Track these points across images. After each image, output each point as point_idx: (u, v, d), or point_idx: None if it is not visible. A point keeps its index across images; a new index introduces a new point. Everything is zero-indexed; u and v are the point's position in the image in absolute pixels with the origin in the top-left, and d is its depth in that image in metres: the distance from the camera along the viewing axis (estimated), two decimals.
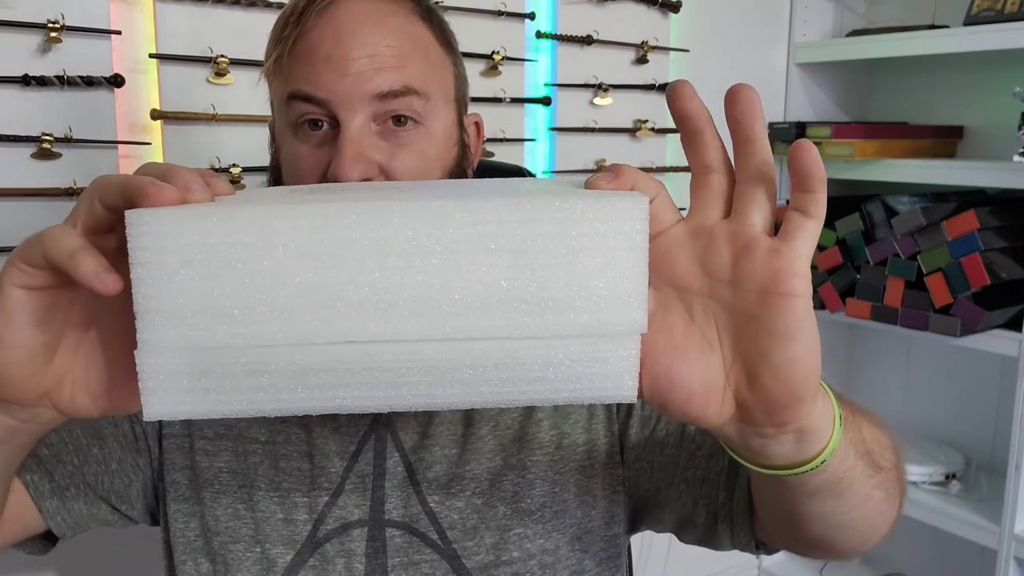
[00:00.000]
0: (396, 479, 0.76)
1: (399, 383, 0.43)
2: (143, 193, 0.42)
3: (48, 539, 0.76)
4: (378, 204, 0.42)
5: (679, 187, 1.78)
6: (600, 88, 1.60)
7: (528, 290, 0.42)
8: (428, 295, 0.42)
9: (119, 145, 1.14)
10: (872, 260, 1.66)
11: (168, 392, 0.43)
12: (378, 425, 0.77)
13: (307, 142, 0.71)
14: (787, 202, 0.44)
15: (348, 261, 0.42)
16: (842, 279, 1.72)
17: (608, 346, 0.43)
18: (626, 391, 0.44)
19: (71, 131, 1.10)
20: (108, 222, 0.45)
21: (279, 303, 0.42)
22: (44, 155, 1.08)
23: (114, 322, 0.48)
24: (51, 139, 1.08)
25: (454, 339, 0.43)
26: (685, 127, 0.45)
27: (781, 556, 2.10)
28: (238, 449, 0.77)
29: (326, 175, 0.69)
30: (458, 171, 0.76)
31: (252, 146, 1.24)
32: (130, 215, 0.41)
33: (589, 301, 0.42)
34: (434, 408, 0.44)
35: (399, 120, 0.70)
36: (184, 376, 0.43)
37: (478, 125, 0.82)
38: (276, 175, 0.77)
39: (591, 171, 1.61)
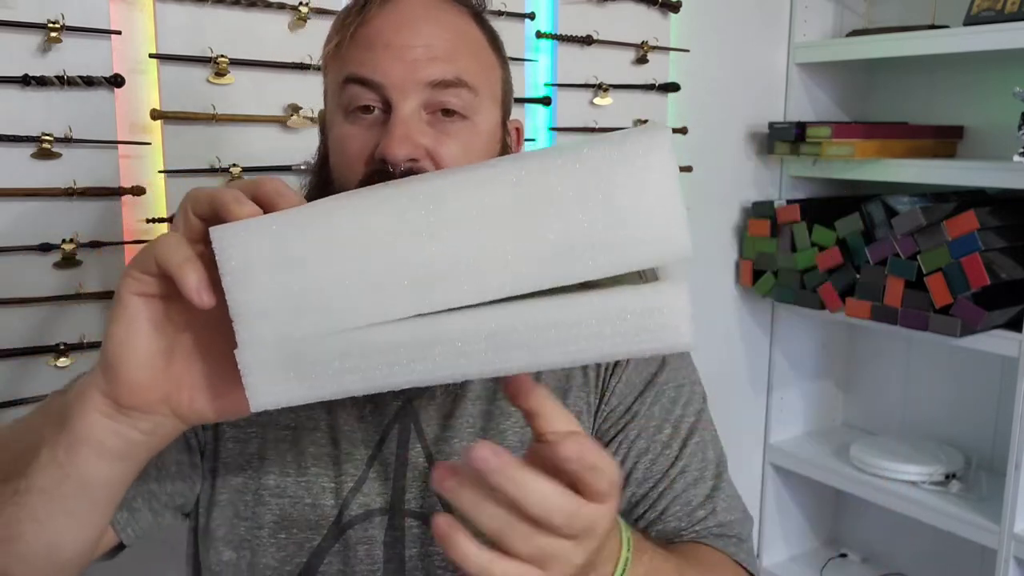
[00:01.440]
0: (417, 469, 0.77)
1: (467, 351, 0.46)
2: (227, 209, 0.48)
3: (117, 547, 0.77)
4: (421, 184, 0.46)
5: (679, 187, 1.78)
6: (600, 88, 1.60)
7: (575, 237, 0.45)
8: (481, 260, 0.46)
9: (119, 145, 1.14)
10: (872, 260, 1.66)
11: (269, 384, 0.48)
12: (402, 415, 0.78)
13: (357, 124, 0.73)
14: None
15: (405, 240, 0.46)
16: (842, 279, 1.72)
17: (660, 295, 0.46)
18: (683, 338, 0.46)
19: (71, 131, 1.09)
20: (202, 231, 0.50)
21: (350, 289, 0.47)
22: (44, 155, 1.08)
23: (221, 325, 0.51)
24: (51, 139, 1.08)
25: (512, 303, 0.46)
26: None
27: (782, 556, 2.10)
28: (266, 436, 0.79)
29: (373, 156, 0.72)
30: None
31: (252, 146, 1.24)
32: (213, 232, 0.47)
33: (633, 237, 0.45)
34: (503, 373, 0.47)
35: (448, 112, 0.73)
36: (280, 367, 0.48)
37: (519, 131, 0.85)
38: (323, 162, 0.79)
39: None
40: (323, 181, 0.78)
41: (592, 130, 1.60)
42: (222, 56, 1.18)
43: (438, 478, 0.48)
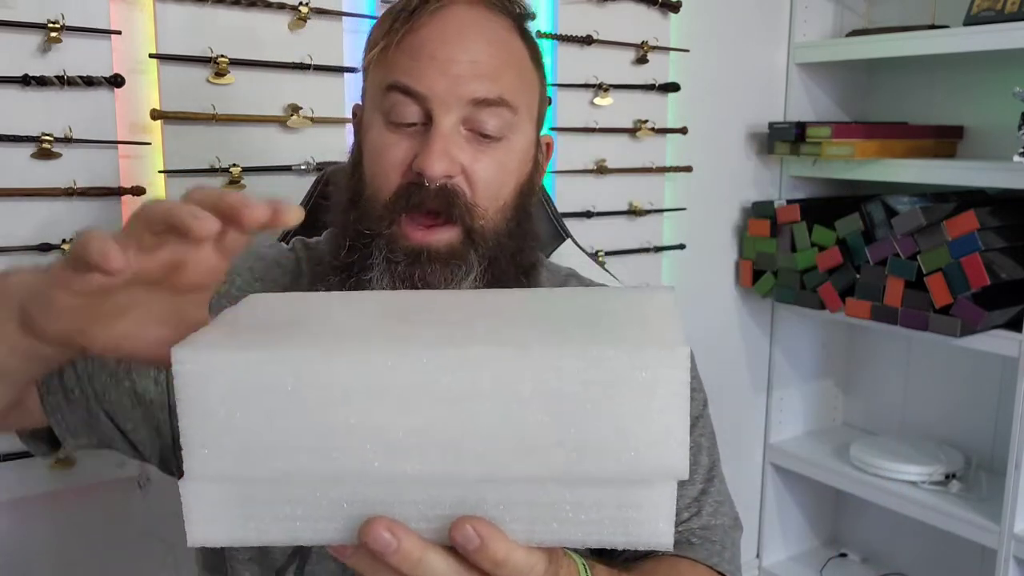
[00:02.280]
0: None
1: (429, 516, 0.45)
2: (185, 225, 0.43)
3: (53, 443, 0.76)
4: (414, 352, 0.42)
5: (679, 187, 1.78)
6: (600, 88, 1.60)
7: (566, 435, 0.42)
8: (462, 438, 0.43)
9: (119, 145, 1.14)
10: (872, 260, 1.66)
11: (210, 521, 0.45)
12: None
13: (397, 133, 0.74)
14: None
15: (384, 404, 0.43)
16: (842, 279, 1.72)
17: (641, 492, 0.43)
18: (661, 537, 0.44)
19: (71, 131, 1.09)
20: (154, 247, 0.45)
21: (318, 441, 0.43)
22: (44, 155, 1.08)
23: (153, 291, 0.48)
24: (51, 139, 1.08)
25: (487, 481, 0.44)
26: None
27: (781, 556, 2.10)
28: None
29: (410, 167, 0.72)
30: (528, 187, 0.79)
31: (252, 146, 1.24)
32: (175, 352, 0.43)
33: (628, 448, 0.42)
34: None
35: (485, 135, 0.73)
36: (225, 506, 0.45)
37: (549, 146, 0.85)
38: (356, 163, 0.78)
39: (591, 171, 1.61)
40: (356, 183, 0.77)
41: (592, 130, 1.60)
42: (222, 56, 1.18)
43: (338, 553, 0.46)
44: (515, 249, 0.77)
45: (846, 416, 2.16)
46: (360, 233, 0.74)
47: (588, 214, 1.62)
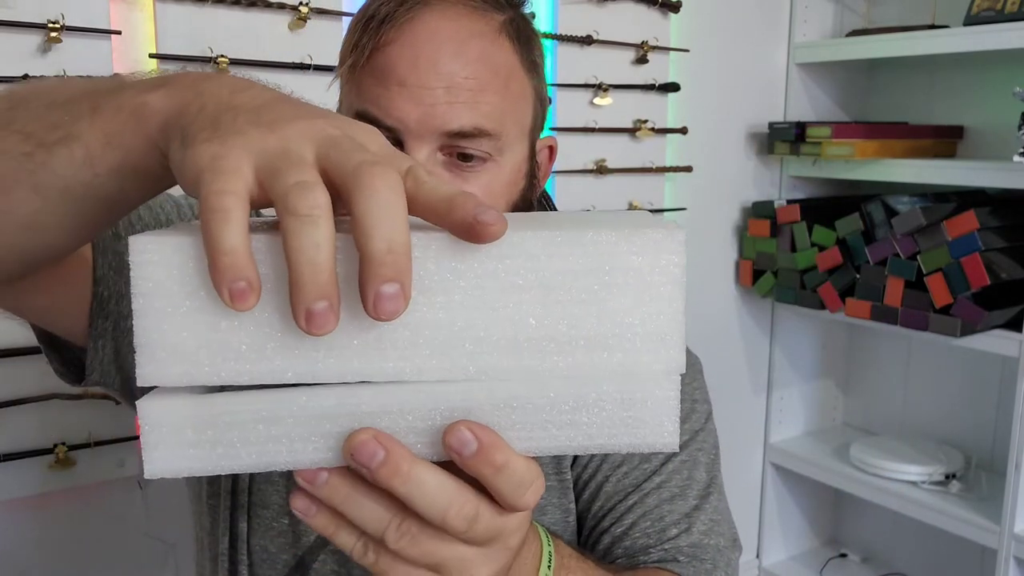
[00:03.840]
0: None
1: (418, 428, 0.41)
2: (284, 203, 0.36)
3: (81, 371, 0.72)
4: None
5: (679, 187, 1.78)
6: (600, 88, 1.60)
7: (558, 328, 0.40)
8: (451, 333, 0.39)
9: None
10: (872, 260, 1.66)
11: (172, 446, 0.40)
12: None
13: None
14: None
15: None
16: (842, 279, 1.72)
17: (645, 387, 0.41)
18: (666, 437, 0.41)
19: None
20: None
21: (290, 339, 0.39)
22: None
23: None
24: None
25: (477, 380, 0.40)
26: None
27: (781, 556, 2.10)
28: None
29: None
30: (522, 204, 0.74)
31: None
32: (133, 241, 0.38)
33: (623, 339, 0.40)
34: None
35: (466, 157, 0.67)
36: (189, 427, 0.40)
37: (551, 149, 0.80)
38: None
39: (590, 171, 1.61)
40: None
41: (592, 130, 1.60)
42: (222, 56, 1.18)
43: (294, 495, 0.42)
44: None
45: (846, 416, 2.16)
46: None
47: None
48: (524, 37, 0.72)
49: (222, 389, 0.42)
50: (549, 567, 0.50)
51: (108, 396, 1.16)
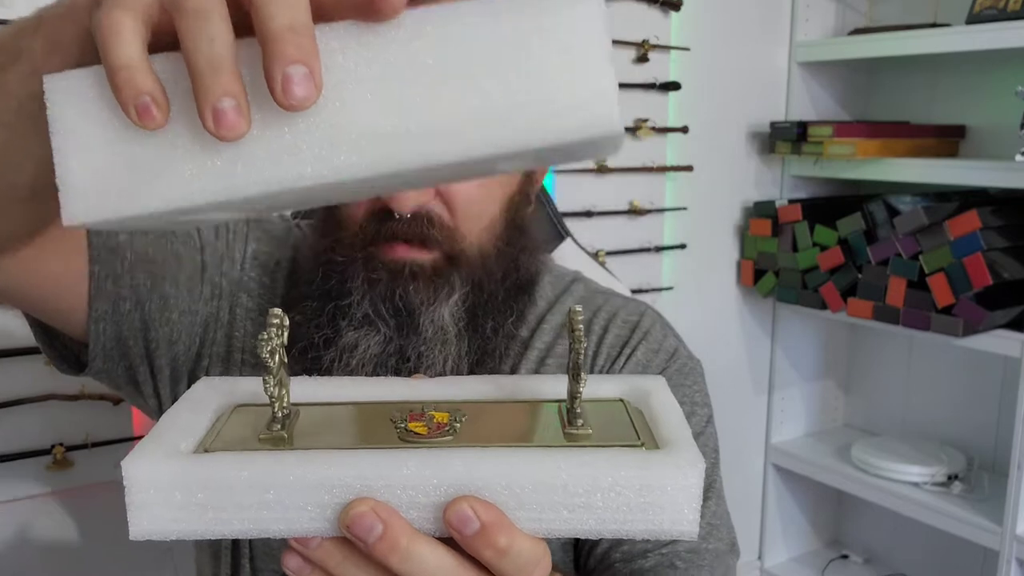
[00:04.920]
0: None
1: (422, 503, 0.39)
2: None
3: (79, 363, 0.73)
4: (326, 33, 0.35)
5: (680, 186, 1.77)
6: None
7: (491, 102, 0.35)
8: (375, 125, 0.35)
9: None
10: (874, 260, 1.65)
11: (159, 508, 0.39)
12: None
13: None
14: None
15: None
16: (844, 279, 1.72)
17: (666, 474, 0.39)
18: (685, 525, 0.40)
19: None
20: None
21: (206, 156, 0.35)
22: None
23: None
24: None
25: (486, 454, 0.39)
26: None
27: (783, 557, 2.10)
28: None
29: (378, 197, 0.66)
30: (520, 199, 0.73)
31: None
32: (46, 80, 0.36)
33: (550, 102, 0.35)
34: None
35: None
36: (177, 490, 0.39)
37: None
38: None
39: (591, 171, 1.61)
40: (326, 206, 0.71)
41: None
42: None
43: (286, 554, 0.40)
44: (506, 270, 0.71)
45: (848, 416, 2.15)
46: (333, 261, 0.68)
47: (588, 214, 1.62)
48: None
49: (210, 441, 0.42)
50: None
51: (106, 397, 1.16)
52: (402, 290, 0.66)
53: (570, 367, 0.44)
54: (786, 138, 1.80)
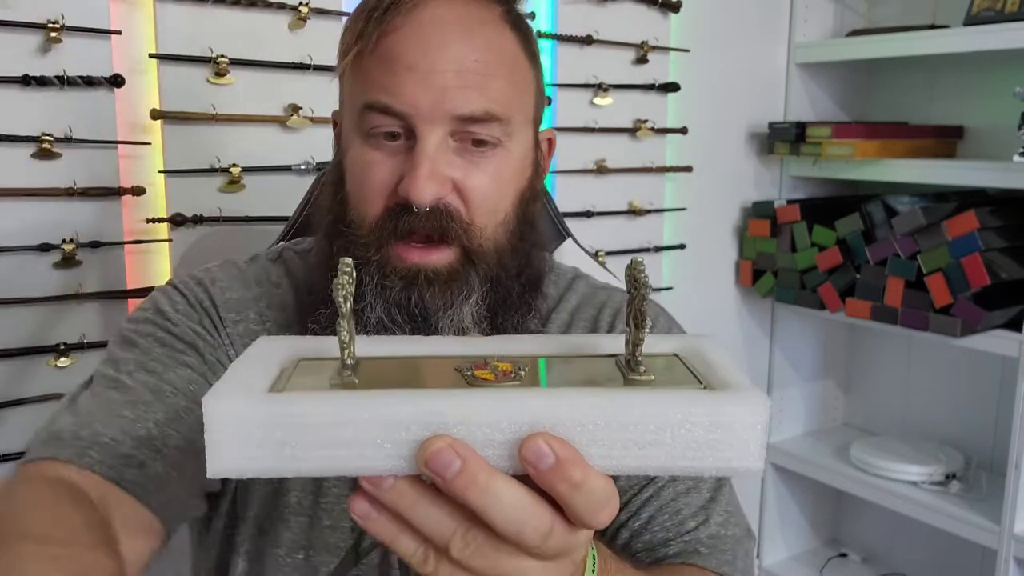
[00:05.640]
0: None
1: (497, 440, 0.40)
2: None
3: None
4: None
5: (679, 187, 1.78)
6: (600, 88, 1.60)
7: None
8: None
9: (119, 145, 1.14)
10: (872, 260, 1.66)
11: (238, 445, 0.39)
12: None
13: (380, 150, 0.67)
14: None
15: None
16: (842, 279, 1.72)
17: (734, 410, 0.40)
18: (752, 461, 0.41)
19: (71, 131, 1.09)
20: None
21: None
22: (44, 155, 1.08)
23: None
24: (51, 139, 1.08)
25: (559, 395, 0.40)
26: None
27: (782, 555, 2.10)
28: None
29: (396, 190, 0.66)
30: (529, 194, 0.73)
31: (252, 146, 1.24)
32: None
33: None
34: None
35: (477, 142, 0.67)
36: (256, 427, 0.39)
37: (551, 142, 0.79)
38: (339, 178, 0.72)
39: (591, 171, 1.61)
40: (339, 206, 0.71)
41: (592, 130, 1.60)
42: (222, 56, 1.18)
43: (354, 499, 0.41)
44: (520, 266, 0.72)
45: (846, 416, 2.16)
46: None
47: (588, 214, 1.62)
48: (524, 28, 0.72)
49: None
50: (593, 571, 0.49)
51: None
52: (417, 296, 0.66)
53: (631, 316, 0.45)
54: (785, 139, 1.80)
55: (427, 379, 0.47)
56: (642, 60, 1.65)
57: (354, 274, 0.44)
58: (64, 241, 1.10)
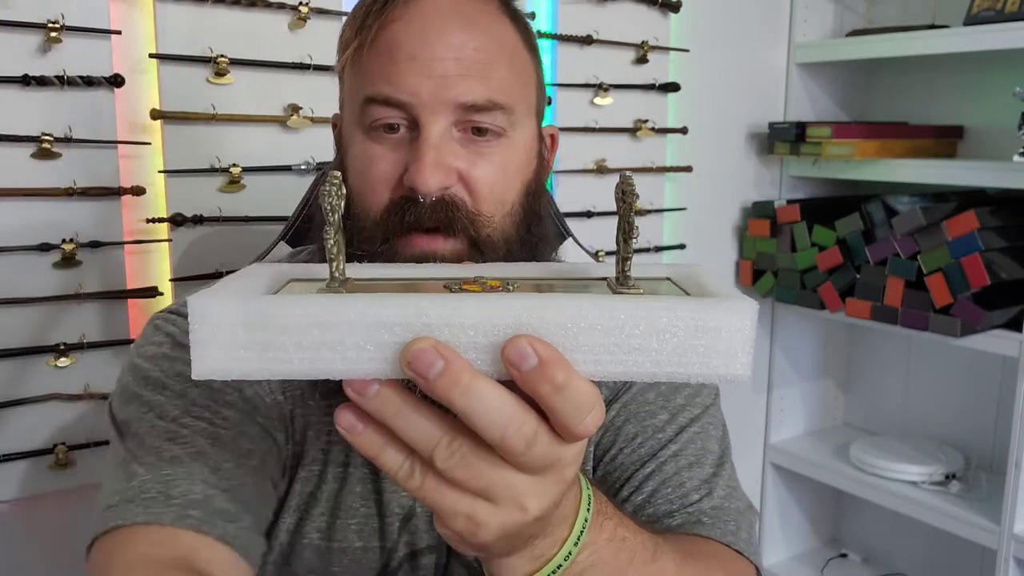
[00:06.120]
0: None
1: (481, 344, 0.39)
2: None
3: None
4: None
5: (679, 187, 1.78)
6: (600, 88, 1.60)
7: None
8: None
9: (119, 145, 1.14)
10: (872, 260, 1.66)
11: (222, 346, 0.39)
12: None
13: (382, 144, 0.67)
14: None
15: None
16: (842, 279, 1.72)
17: (720, 316, 0.40)
18: (738, 368, 0.41)
19: (71, 131, 1.09)
20: None
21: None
22: (44, 155, 1.08)
23: None
24: (51, 139, 1.08)
25: (544, 298, 0.40)
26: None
27: (782, 556, 2.10)
28: (325, 474, 0.73)
29: (401, 182, 0.65)
30: (535, 186, 0.73)
31: (252, 146, 1.24)
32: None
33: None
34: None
35: (481, 131, 0.66)
36: (240, 327, 0.39)
37: (554, 137, 0.79)
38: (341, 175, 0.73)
39: (591, 171, 1.61)
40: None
41: (592, 130, 1.60)
42: (222, 56, 1.18)
43: (340, 411, 0.41)
44: (528, 258, 0.71)
45: (846, 416, 2.16)
46: (351, 256, 0.66)
47: (588, 214, 1.62)
48: (522, 21, 0.72)
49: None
50: (588, 509, 0.48)
51: (107, 396, 1.16)
52: None
53: (620, 229, 0.45)
54: (785, 139, 1.80)
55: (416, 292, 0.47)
56: (642, 60, 1.65)
57: (343, 188, 0.43)
58: (64, 241, 1.10)
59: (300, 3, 1.23)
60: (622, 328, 0.39)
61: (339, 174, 0.44)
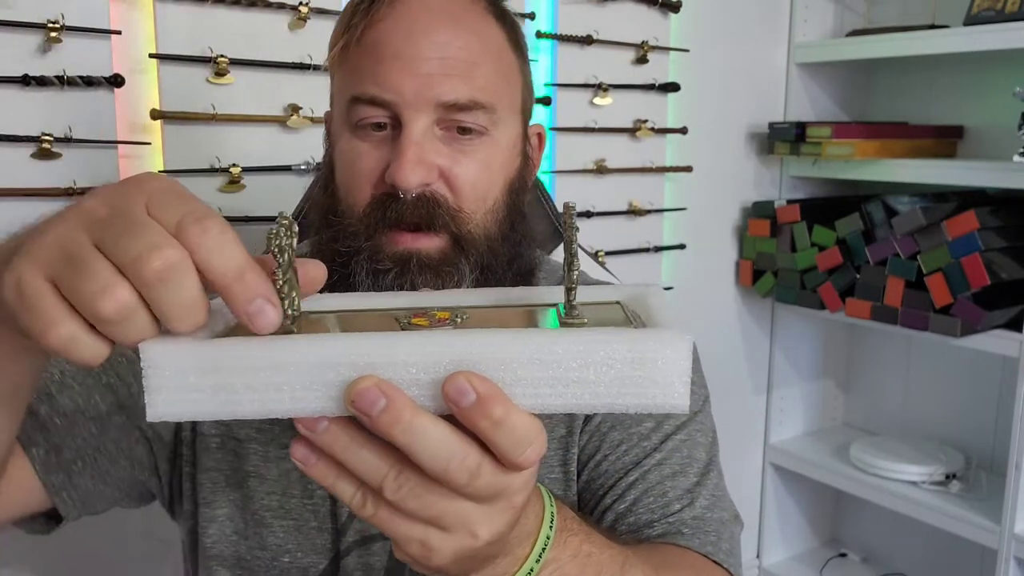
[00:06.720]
0: None
1: (423, 380, 0.40)
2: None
3: (52, 518, 0.72)
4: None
5: (679, 187, 1.78)
6: (600, 88, 1.60)
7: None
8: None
9: (119, 145, 1.14)
10: (872, 260, 1.66)
11: (174, 390, 0.41)
12: None
13: (367, 141, 0.68)
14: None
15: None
16: (842, 279, 1.72)
17: (657, 347, 0.40)
18: (676, 399, 0.41)
19: (71, 131, 1.09)
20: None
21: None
22: (44, 155, 1.08)
23: None
24: (51, 139, 1.08)
25: (483, 333, 0.41)
26: None
27: (781, 556, 2.10)
28: (268, 453, 0.75)
29: (383, 178, 0.67)
30: (519, 184, 0.73)
31: (252, 146, 1.24)
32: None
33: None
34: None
35: (464, 130, 0.67)
36: (191, 372, 0.40)
37: (540, 136, 0.79)
38: (329, 172, 0.74)
39: (591, 171, 1.61)
40: (329, 198, 0.72)
41: (592, 130, 1.60)
42: (222, 56, 1.18)
43: (294, 444, 0.42)
44: (511, 255, 0.72)
45: (846, 416, 2.16)
46: (337, 252, 0.68)
47: (588, 214, 1.62)
48: (509, 21, 0.73)
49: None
50: (551, 527, 0.49)
51: None
52: (409, 283, 0.67)
53: (566, 259, 0.46)
54: (785, 139, 1.80)
55: (366, 328, 0.47)
56: (642, 60, 1.65)
57: (295, 227, 0.44)
58: None
59: (300, 3, 1.23)
60: (559, 362, 0.40)
61: (288, 214, 0.45)
